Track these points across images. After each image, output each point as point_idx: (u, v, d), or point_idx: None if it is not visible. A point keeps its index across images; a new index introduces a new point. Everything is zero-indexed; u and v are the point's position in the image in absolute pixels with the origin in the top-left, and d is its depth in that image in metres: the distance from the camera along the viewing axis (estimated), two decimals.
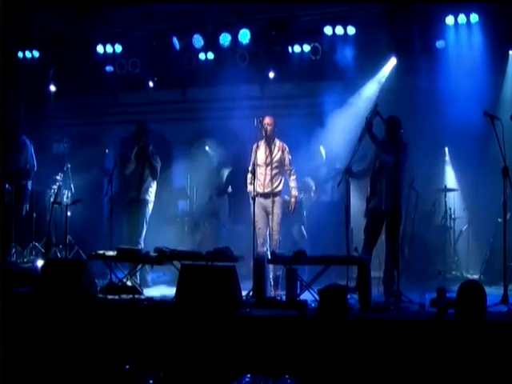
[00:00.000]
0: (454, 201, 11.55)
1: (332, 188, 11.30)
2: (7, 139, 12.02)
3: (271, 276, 9.55)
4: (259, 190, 9.90)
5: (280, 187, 9.95)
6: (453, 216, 11.35)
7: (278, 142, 10.00)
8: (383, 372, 6.84)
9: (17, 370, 7.23)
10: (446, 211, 11.39)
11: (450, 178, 11.85)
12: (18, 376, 7.13)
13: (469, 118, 10.15)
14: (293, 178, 10.06)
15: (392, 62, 11.86)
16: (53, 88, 13.28)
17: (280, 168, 9.94)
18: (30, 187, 12.07)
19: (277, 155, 9.92)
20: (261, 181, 9.91)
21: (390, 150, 9.11)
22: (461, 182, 11.74)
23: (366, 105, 11.41)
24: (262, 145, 9.93)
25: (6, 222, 11.51)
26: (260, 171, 9.91)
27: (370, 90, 12.03)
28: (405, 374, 6.82)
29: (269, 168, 9.89)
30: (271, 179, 9.88)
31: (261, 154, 9.92)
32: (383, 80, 12.00)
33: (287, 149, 10.00)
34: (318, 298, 8.03)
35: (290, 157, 10.01)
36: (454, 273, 10.77)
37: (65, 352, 7.87)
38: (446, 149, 11.81)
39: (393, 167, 8.91)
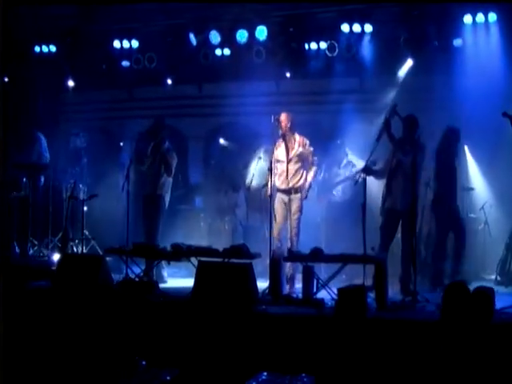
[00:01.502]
0: (471, 200, 11.49)
1: (345, 188, 11.28)
2: (19, 134, 12.14)
3: (287, 274, 9.58)
4: (281, 186, 9.91)
5: (300, 183, 9.93)
6: (469, 215, 11.31)
7: (297, 137, 9.95)
8: (400, 372, 6.85)
9: (32, 363, 7.29)
10: (462, 210, 11.36)
11: (468, 176, 11.76)
12: (33, 368, 7.19)
13: (486, 117, 10.13)
14: (313, 168, 10.08)
15: (408, 63, 11.83)
16: (70, 83, 13.32)
17: (302, 163, 9.93)
18: (42, 181, 12.15)
19: (298, 150, 9.90)
20: (282, 177, 9.89)
21: (407, 149, 9.13)
22: (478, 181, 11.68)
23: (383, 103, 11.47)
24: (281, 142, 9.93)
25: (23, 216, 11.65)
26: (281, 168, 9.88)
27: (387, 89, 11.98)
28: (422, 374, 6.84)
29: (290, 164, 9.88)
30: (292, 175, 9.87)
31: (281, 150, 9.90)
32: (400, 81, 11.95)
33: (308, 142, 9.99)
34: (334, 296, 8.09)
35: (312, 149, 10.00)
36: (469, 273, 10.73)
37: (80, 346, 7.93)
38: (466, 147, 11.75)
39: (409, 167, 8.91)
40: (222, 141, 13.07)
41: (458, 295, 6.22)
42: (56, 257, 10.79)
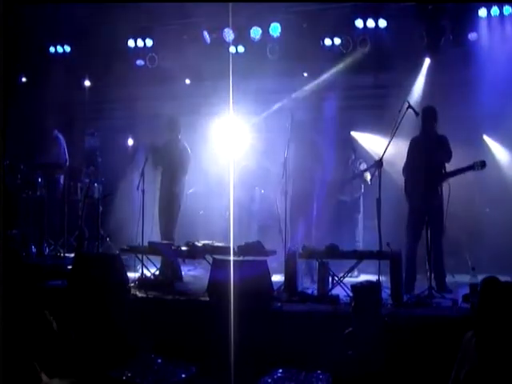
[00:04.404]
0: (488, 193, 11.38)
1: (354, 186, 11.22)
2: (39, 134, 12.22)
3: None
4: (297, 187, 9.97)
5: (314, 185, 10.04)
6: (487, 209, 11.22)
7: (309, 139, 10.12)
8: (417, 368, 6.82)
9: (47, 361, 7.31)
10: (477, 204, 11.28)
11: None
12: (48, 366, 7.20)
13: (504, 109, 10.14)
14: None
15: (426, 62, 11.77)
16: (86, 82, 13.35)
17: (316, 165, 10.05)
18: (62, 181, 12.21)
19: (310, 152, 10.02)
20: (297, 178, 9.99)
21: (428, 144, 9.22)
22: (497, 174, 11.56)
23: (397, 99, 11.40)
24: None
25: (39, 216, 11.70)
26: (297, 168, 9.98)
27: (402, 84, 11.90)
28: (438, 369, 6.79)
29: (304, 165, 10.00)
30: (306, 176, 9.97)
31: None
32: (415, 76, 11.87)
33: (318, 141, 10.07)
34: (350, 292, 8.05)
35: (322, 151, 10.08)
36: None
37: (96, 344, 7.95)
38: (484, 136, 11.65)
39: (432, 162, 9.00)
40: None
41: (493, 290, 6.13)
42: (72, 256, 10.82)
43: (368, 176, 10.69)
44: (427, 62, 11.81)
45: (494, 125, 11.10)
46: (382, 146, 9.48)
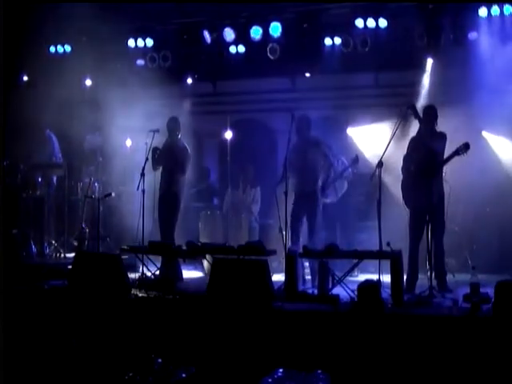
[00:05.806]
0: (488, 193, 11.35)
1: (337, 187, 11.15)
2: (31, 134, 12.22)
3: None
4: (299, 187, 9.96)
5: (317, 185, 10.01)
6: (487, 209, 11.21)
7: (313, 138, 10.05)
8: (417, 367, 6.81)
9: (48, 361, 7.32)
10: (477, 204, 11.26)
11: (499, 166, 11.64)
12: (50, 366, 7.22)
13: (500, 111, 10.15)
14: (328, 168, 10.15)
15: (429, 62, 11.75)
16: (87, 82, 13.36)
17: (319, 165, 10.00)
18: (55, 181, 12.22)
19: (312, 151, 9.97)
20: (299, 178, 9.94)
21: (428, 142, 9.21)
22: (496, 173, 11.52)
23: (397, 98, 11.41)
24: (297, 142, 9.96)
25: (39, 216, 11.71)
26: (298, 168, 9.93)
27: (402, 84, 11.90)
28: (439, 369, 6.79)
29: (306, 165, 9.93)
30: (309, 176, 9.93)
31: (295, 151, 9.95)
32: (416, 75, 11.85)
33: (324, 143, 10.06)
34: (350, 292, 8.09)
35: (327, 150, 10.05)
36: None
37: (96, 344, 7.95)
38: (483, 132, 11.65)
39: (432, 160, 9.01)
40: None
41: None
42: (72, 256, 10.82)
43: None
44: (430, 62, 11.77)
45: (494, 123, 11.11)
46: (381, 144, 9.50)
